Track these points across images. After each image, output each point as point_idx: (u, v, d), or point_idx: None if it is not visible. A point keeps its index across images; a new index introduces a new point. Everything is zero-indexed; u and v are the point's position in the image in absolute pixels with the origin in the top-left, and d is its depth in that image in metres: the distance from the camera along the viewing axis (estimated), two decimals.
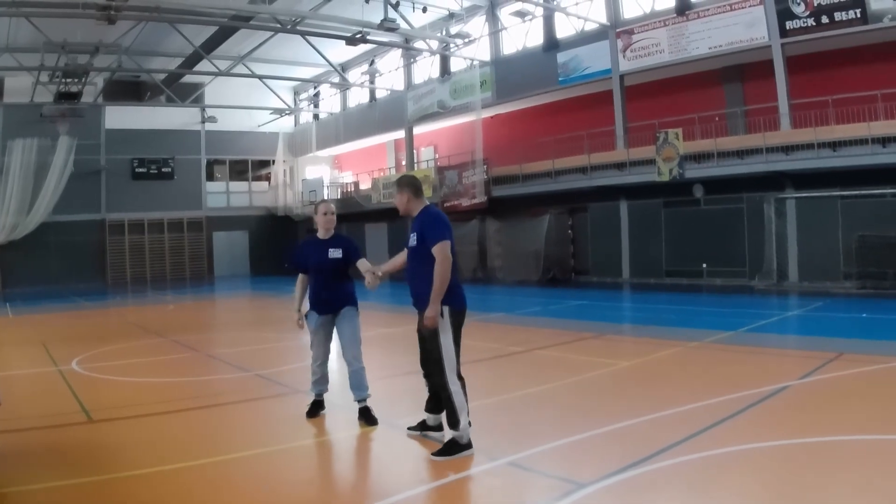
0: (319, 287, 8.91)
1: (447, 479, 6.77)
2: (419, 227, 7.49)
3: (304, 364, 10.74)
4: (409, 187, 7.75)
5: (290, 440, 8.29)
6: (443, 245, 7.28)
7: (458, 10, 36.04)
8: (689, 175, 26.93)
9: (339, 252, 8.80)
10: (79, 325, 23.46)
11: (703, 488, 6.27)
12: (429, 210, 7.69)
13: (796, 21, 25.26)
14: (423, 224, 7.48)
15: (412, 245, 7.54)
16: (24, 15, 27.85)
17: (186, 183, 50.88)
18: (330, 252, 8.80)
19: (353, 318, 8.92)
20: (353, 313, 8.94)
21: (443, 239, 7.32)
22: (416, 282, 7.50)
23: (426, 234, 7.38)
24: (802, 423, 8.07)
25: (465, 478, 6.82)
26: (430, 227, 7.41)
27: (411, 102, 42.35)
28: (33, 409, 10.02)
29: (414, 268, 7.57)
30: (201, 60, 37.84)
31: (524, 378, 11.28)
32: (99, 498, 6.46)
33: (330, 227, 9.00)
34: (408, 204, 7.71)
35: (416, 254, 7.50)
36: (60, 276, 43.65)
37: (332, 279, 8.87)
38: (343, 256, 8.79)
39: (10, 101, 42.13)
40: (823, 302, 21.09)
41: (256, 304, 30.62)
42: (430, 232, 7.37)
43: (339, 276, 8.89)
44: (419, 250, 7.43)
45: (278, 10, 30.23)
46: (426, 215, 7.58)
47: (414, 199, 7.71)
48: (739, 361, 12.12)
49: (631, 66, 30.82)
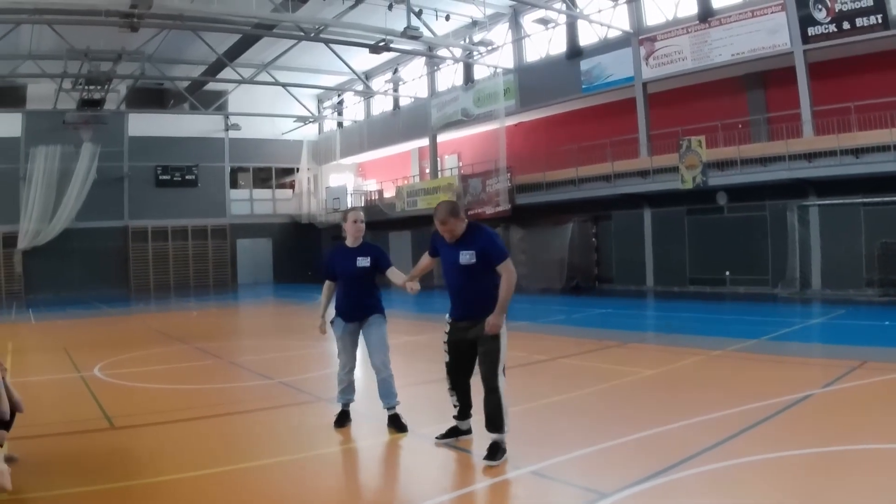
0: (346, 295, 8.89)
1: (469, 489, 6.76)
2: (479, 247, 7.58)
3: (326, 372, 10.76)
4: (461, 214, 7.85)
5: (312, 448, 8.29)
6: (508, 261, 7.54)
7: (481, 17, 35.96)
8: (713, 183, 26.81)
9: (368, 260, 8.73)
10: (101, 331, 23.56)
11: (726, 497, 6.21)
12: (484, 229, 7.86)
13: (818, 27, 25.15)
14: (484, 243, 7.59)
15: (469, 263, 7.60)
16: (47, 22, 28.08)
17: (210, 190, 51.12)
18: (358, 260, 8.73)
19: (381, 325, 8.86)
20: (381, 321, 8.88)
21: (507, 254, 7.64)
22: (473, 296, 7.65)
23: (491, 253, 7.54)
24: (826, 432, 7.99)
25: (488, 487, 6.77)
26: (492, 245, 7.59)
27: (435, 110, 42.36)
28: (55, 416, 10.00)
29: (467, 283, 7.70)
30: (224, 68, 38.05)
31: (548, 387, 11.23)
32: None
33: (359, 236, 8.91)
34: (461, 228, 7.78)
35: (472, 270, 7.62)
36: (83, 282, 43.98)
37: (360, 287, 8.83)
38: (371, 265, 8.72)
39: (33, 108, 42.50)
40: (846, 310, 20.96)
41: (280, 312, 30.65)
42: (495, 250, 7.56)
43: (366, 284, 8.85)
44: (478, 267, 7.57)
45: (301, 18, 30.32)
46: (483, 233, 7.75)
47: (463, 222, 7.79)
48: (762, 370, 12.04)
49: (654, 73, 30.76)
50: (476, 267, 7.56)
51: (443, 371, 8.00)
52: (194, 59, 40.19)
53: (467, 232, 7.74)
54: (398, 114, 46.84)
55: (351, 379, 9.02)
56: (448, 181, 40.48)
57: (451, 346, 7.89)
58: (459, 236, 7.73)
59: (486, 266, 7.54)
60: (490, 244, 7.58)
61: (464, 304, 7.77)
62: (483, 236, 7.67)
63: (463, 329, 7.72)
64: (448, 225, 7.69)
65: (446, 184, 40.03)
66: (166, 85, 44.76)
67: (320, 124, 55.02)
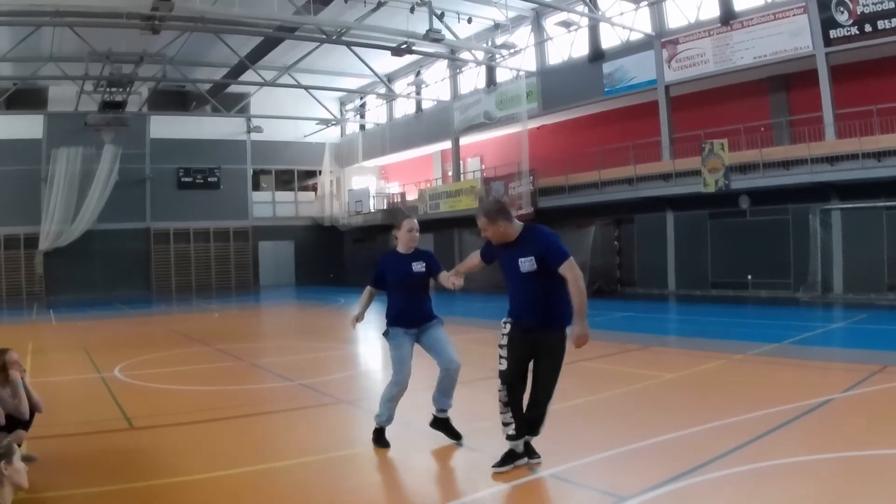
0: (406, 301, 8.56)
1: (488, 492, 6.72)
2: (537, 252, 6.95)
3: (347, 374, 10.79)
4: (502, 215, 7.15)
5: (333, 450, 8.30)
6: (572, 261, 6.93)
7: (503, 20, 35.99)
8: (735, 186, 26.73)
9: (423, 266, 8.51)
10: (122, 332, 23.69)
11: (748, 501, 6.17)
12: (540, 230, 7.24)
13: (840, 30, 25.04)
14: (542, 245, 6.96)
15: (530, 270, 6.99)
16: (68, 25, 28.20)
17: (232, 192, 51.33)
18: (414, 266, 8.50)
19: (439, 326, 8.59)
20: (438, 323, 8.61)
21: (568, 255, 6.95)
22: (543, 303, 7.05)
23: (548, 257, 6.91)
24: (846, 437, 7.95)
25: (507, 490, 6.73)
26: (550, 248, 6.95)
27: (457, 113, 42.45)
28: (75, 416, 10.05)
29: (535, 291, 7.03)
30: (246, 70, 38.18)
31: (569, 390, 11.12)
32: None
33: (413, 245, 8.67)
34: (505, 231, 7.13)
35: (536, 277, 6.99)
36: (104, 283, 44.41)
37: (417, 292, 8.60)
38: (426, 270, 8.51)
39: (55, 110, 42.69)
40: (868, 314, 20.88)
41: (302, 314, 30.70)
42: (553, 253, 6.92)
43: (423, 289, 8.66)
44: (542, 273, 6.95)
45: (323, 21, 30.38)
46: (541, 234, 7.13)
47: (510, 224, 7.14)
48: (783, 374, 11.98)
49: (676, 76, 30.69)
50: (539, 273, 6.97)
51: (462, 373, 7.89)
52: (216, 62, 40.30)
53: (523, 235, 7.16)
54: (420, 116, 46.92)
55: (403, 389, 8.46)
56: (471, 184, 40.54)
57: (512, 354, 7.17)
58: (515, 240, 7.15)
59: (551, 270, 6.91)
60: (547, 247, 6.95)
61: (532, 313, 7.11)
62: (540, 239, 7.05)
63: (529, 338, 7.12)
64: (490, 231, 7.16)
65: (469, 187, 40.07)
66: (188, 87, 45.03)
67: (342, 127, 55.19)
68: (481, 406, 9.20)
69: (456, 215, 39.97)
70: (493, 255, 7.47)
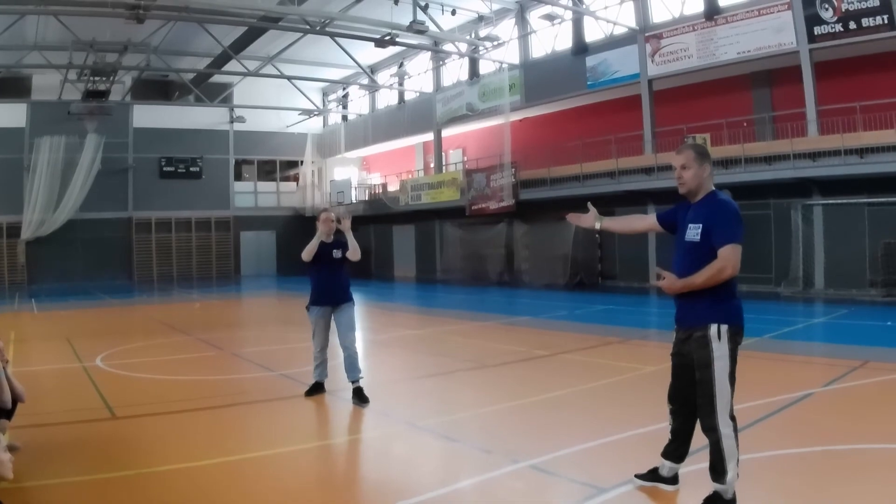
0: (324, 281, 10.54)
1: (468, 482, 6.75)
2: (705, 218, 5.71)
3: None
4: (708, 159, 6.03)
5: (313, 440, 8.36)
6: (735, 249, 5.53)
7: (487, 13, 36.04)
8: (717, 181, 26.51)
9: (340, 252, 10.45)
10: (104, 321, 23.61)
11: None
12: (720, 196, 5.86)
13: (824, 27, 25.11)
14: (714, 215, 5.67)
15: (694, 240, 5.77)
16: (52, 13, 28.09)
17: (214, 182, 51.22)
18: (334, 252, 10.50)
19: (350, 309, 10.40)
20: (351, 306, 10.42)
21: (736, 240, 5.57)
22: (688, 292, 5.78)
23: (714, 228, 5.61)
24: (826, 431, 8.01)
25: (486, 480, 6.76)
26: (721, 220, 5.62)
27: (440, 105, 42.46)
28: (57, 405, 10.07)
29: (688, 271, 5.72)
30: (230, 60, 38.03)
31: (549, 382, 11.24)
32: (121, 493, 6.49)
33: (330, 232, 10.59)
34: (704, 181, 5.94)
35: (697, 252, 5.72)
36: (86, 272, 44.19)
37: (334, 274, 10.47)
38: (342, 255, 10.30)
39: (38, 98, 42.39)
40: (849, 309, 20.96)
41: (282, 304, 30.63)
42: (719, 226, 5.59)
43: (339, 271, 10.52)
44: (701, 248, 5.68)
45: (307, 11, 30.28)
46: (718, 204, 5.76)
47: (703, 171, 5.92)
48: (764, 368, 11.99)
49: (659, 70, 30.74)
50: (699, 247, 5.70)
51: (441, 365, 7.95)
52: (200, 52, 40.13)
53: (708, 197, 5.90)
54: (403, 108, 46.87)
55: (325, 357, 10.43)
56: (452, 176, 40.55)
57: (672, 362, 6.32)
58: (699, 201, 5.94)
59: (710, 248, 5.61)
60: (716, 216, 5.65)
61: (679, 305, 6.00)
62: (714, 205, 5.75)
63: (680, 341, 6.09)
64: (691, 172, 5.91)
65: (450, 178, 40.09)
66: (171, 77, 44.75)
67: (325, 117, 55.23)
68: (458, 396, 9.27)
69: (437, 207, 40.05)
70: (676, 220, 6.21)
